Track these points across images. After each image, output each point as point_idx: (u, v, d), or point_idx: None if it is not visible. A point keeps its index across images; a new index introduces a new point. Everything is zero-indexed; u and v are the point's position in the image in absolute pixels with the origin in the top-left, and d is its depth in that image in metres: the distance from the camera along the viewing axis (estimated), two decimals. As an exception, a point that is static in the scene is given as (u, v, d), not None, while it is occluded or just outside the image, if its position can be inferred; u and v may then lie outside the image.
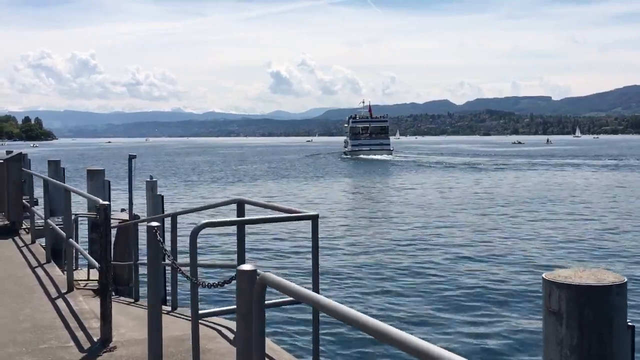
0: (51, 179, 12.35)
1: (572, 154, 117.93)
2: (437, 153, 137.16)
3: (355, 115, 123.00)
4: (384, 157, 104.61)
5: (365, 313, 2.34)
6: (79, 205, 15.97)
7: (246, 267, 3.07)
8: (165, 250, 4.51)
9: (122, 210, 13.57)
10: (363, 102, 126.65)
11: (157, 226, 4.49)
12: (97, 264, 6.53)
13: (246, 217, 4.97)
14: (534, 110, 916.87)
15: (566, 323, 3.14)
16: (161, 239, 4.43)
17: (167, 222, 13.03)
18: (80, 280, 11.41)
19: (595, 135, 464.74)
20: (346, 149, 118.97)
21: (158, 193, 11.65)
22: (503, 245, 22.09)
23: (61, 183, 11.78)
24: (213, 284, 4.09)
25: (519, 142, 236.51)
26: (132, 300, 10.01)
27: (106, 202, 5.98)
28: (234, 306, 5.77)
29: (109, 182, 15.87)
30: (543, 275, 3.24)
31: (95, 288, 11.45)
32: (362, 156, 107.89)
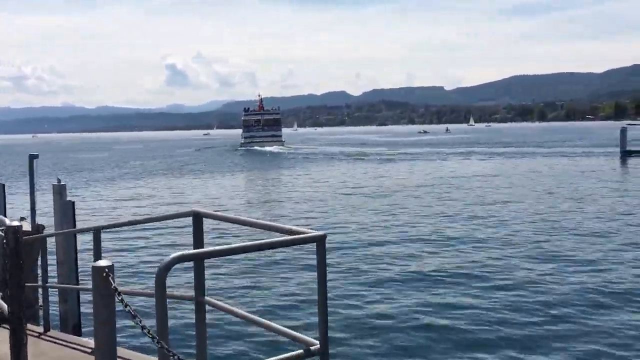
0: None
1: (476, 142, 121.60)
2: (348, 144, 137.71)
3: (248, 107, 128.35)
4: (275, 148, 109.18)
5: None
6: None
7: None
8: (127, 304, 3.02)
9: (22, 219, 11.58)
10: (259, 95, 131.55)
11: (108, 267, 3.00)
12: (5, 306, 4.90)
13: (232, 245, 3.50)
14: (428, 100, 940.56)
15: None
16: (115, 286, 2.95)
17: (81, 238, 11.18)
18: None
19: (488, 124, 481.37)
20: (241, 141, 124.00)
21: (68, 199, 9.85)
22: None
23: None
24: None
25: (425, 131, 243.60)
26: (42, 331, 8.30)
27: (16, 223, 4.39)
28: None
29: (3, 185, 13.81)
30: None
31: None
32: (255, 147, 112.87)
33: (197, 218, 4.96)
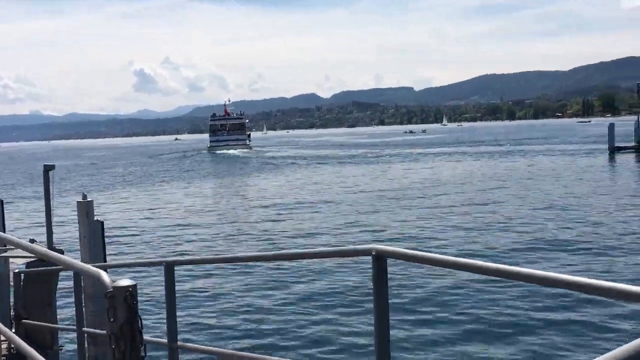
0: None
1: (462, 142, 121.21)
2: (325, 146, 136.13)
3: (215, 113, 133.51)
4: (240, 151, 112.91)
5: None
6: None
7: None
8: None
9: (32, 241, 9.80)
10: (229, 100, 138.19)
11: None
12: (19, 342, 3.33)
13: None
14: (398, 100, 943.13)
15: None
16: None
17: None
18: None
19: (459, 124, 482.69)
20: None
21: (96, 218, 8.15)
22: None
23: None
24: None
25: (411, 132, 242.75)
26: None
27: (129, 282, 2.77)
28: None
29: (2, 201, 12.06)
30: None
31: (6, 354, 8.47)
32: (218, 151, 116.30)
33: (379, 258, 3.34)
